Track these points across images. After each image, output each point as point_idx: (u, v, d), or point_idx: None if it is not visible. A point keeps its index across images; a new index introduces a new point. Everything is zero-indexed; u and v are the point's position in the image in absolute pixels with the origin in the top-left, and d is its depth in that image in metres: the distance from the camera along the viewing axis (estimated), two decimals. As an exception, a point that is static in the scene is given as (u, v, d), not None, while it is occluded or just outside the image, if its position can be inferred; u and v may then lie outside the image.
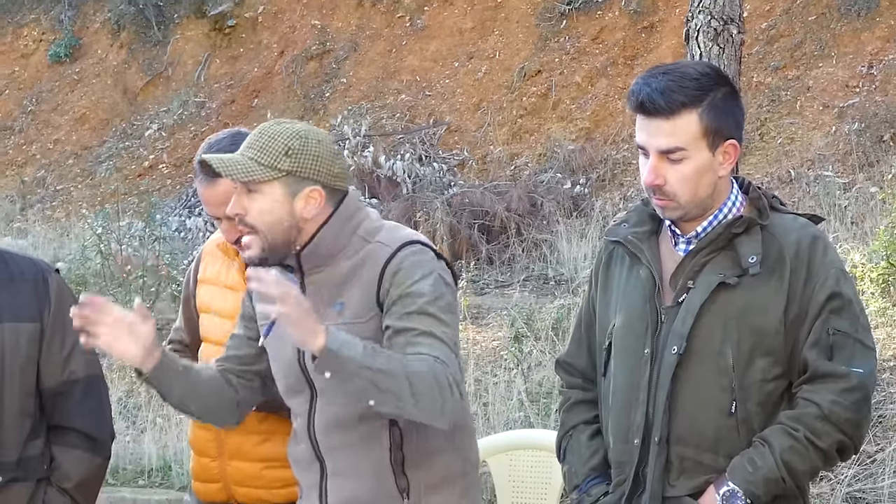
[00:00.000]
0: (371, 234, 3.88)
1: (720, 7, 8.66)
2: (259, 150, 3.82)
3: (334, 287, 3.85)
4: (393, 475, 3.89)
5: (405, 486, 3.89)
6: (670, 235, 3.91)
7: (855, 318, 3.79)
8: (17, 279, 4.45)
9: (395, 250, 3.81)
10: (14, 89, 19.06)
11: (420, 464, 3.90)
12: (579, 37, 15.47)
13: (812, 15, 14.18)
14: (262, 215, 3.82)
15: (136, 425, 9.66)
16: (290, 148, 3.82)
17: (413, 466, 3.89)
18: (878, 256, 9.29)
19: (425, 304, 3.74)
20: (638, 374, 3.83)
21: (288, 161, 3.81)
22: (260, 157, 3.81)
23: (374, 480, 3.90)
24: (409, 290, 3.76)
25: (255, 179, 3.80)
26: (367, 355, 3.55)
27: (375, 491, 3.91)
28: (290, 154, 3.82)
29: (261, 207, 3.82)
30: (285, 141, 3.83)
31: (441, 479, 3.95)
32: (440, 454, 3.94)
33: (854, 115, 12.88)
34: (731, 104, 3.86)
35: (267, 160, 3.81)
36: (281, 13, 17.80)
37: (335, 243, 3.87)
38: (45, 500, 4.48)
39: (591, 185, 13.52)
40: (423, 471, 3.91)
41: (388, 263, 3.80)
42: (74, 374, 4.45)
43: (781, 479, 3.71)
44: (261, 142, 3.84)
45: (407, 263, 3.80)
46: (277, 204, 3.82)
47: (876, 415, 7.84)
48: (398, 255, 3.81)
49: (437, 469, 3.93)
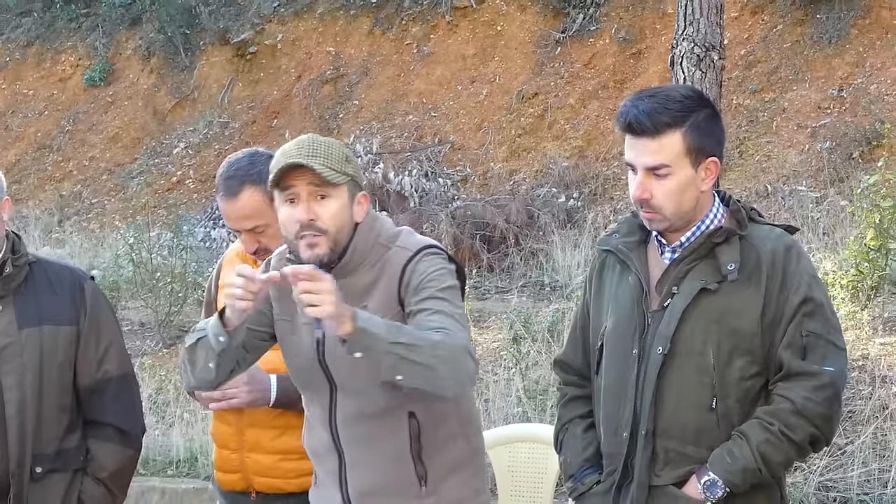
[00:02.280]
0: (391, 239, 3.88)
1: (702, 35, 8.67)
2: (325, 158, 3.77)
3: (357, 295, 3.81)
4: (413, 463, 3.89)
5: (423, 473, 3.90)
6: (657, 245, 3.92)
7: (826, 320, 3.79)
8: (56, 286, 4.46)
9: (414, 253, 3.82)
10: (53, 111, 19.06)
11: (435, 451, 3.91)
12: (573, 62, 15.47)
13: (787, 42, 14.18)
14: (333, 218, 3.78)
15: (164, 420, 9.65)
16: (346, 155, 3.82)
17: (429, 454, 3.90)
18: (847, 264, 9.29)
19: (437, 291, 3.74)
20: (627, 373, 3.84)
21: (350, 167, 3.81)
22: (329, 163, 3.76)
23: (394, 469, 3.90)
24: (423, 281, 3.77)
25: (336, 182, 3.76)
26: (392, 331, 3.51)
27: (395, 479, 3.91)
28: (349, 161, 3.82)
29: (333, 211, 3.78)
30: (340, 149, 3.83)
31: (455, 464, 3.96)
32: (453, 441, 3.96)
33: (826, 134, 12.87)
34: (713, 125, 3.87)
35: (336, 166, 3.77)
36: (298, 41, 17.80)
37: (362, 251, 3.85)
38: (82, 489, 4.49)
39: (583, 199, 13.51)
40: (438, 457, 3.92)
41: (408, 265, 3.81)
42: (108, 372, 4.46)
43: (758, 469, 3.71)
44: (321, 151, 3.79)
45: (424, 263, 3.81)
46: (345, 207, 3.81)
47: (846, 410, 7.83)
48: (416, 258, 3.82)
49: (451, 455, 3.95)
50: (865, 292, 9.11)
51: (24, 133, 18.92)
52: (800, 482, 7.42)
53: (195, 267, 12.72)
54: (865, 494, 7.34)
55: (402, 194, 13.77)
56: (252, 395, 4.55)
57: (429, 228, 12.53)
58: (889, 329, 8.80)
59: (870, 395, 7.99)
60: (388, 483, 3.92)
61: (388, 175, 13.93)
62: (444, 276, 3.80)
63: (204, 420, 9.17)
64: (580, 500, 4.02)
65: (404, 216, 12.94)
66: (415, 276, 3.79)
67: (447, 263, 3.85)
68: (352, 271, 3.85)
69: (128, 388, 4.51)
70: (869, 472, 7.44)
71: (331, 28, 17.69)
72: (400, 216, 12.91)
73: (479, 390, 8.92)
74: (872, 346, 8.57)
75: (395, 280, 3.81)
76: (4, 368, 4.30)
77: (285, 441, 4.58)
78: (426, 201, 13.67)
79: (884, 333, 8.75)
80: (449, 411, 3.94)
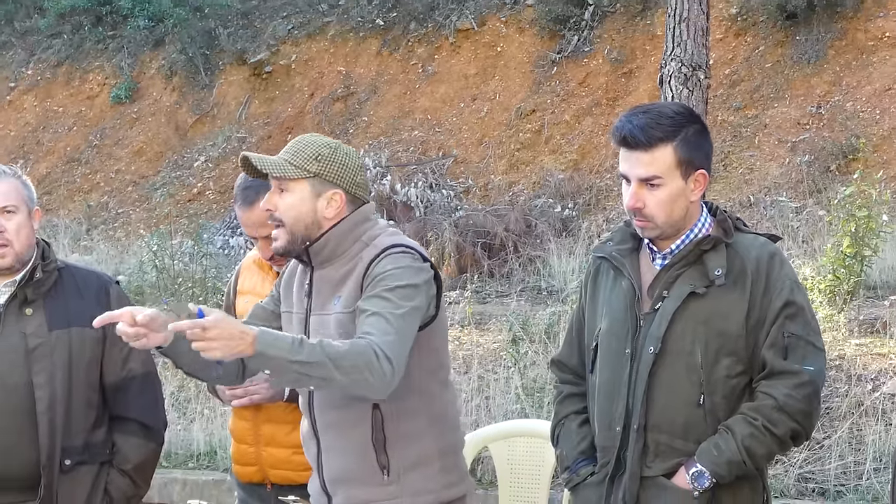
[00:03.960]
0: (371, 238, 3.87)
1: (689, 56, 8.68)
2: (293, 154, 3.85)
3: (334, 285, 3.85)
4: (375, 453, 3.83)
5: (386, 463, 3.84)
6: (649, 252, 3.91)
7: (807, 323, 3.79)
8: (83, 290, 4.47)
9: (380, 252, 3.80)
10: (81, 126, 19.06)
11: (399, 445, 3.85)
12: (568, 81, 15.46)
13: (769, 62, 14.18)
14: (288, 210, 3.84)
15: (186, 416, 9.65)
16: (320, 154, 3.84)
17: (393, 446, 3.84)
18: (825, 270, 9.29)
19: (384, 290, 3.71)
20: (620, 371, 3.84)
21: (316, 165, 3.83)
22: (293, 159, 3.84)
23: (359, 457, 3.85)
24: (376, 279, 3.74)
25: (286, 176, 3.83)
26: (293, 350, 3.50)
27: (359, 466, 3.86)
28: (319, 159, 3.84)
29: (289, 203, 3.84)
30: (317, 148, 3.86)
31: (420, 459, 3.88)
32: (419, 437, 3.88)
33: (805, 148, 12.86)
34: (702, 139, 3.87)
35: (299, 162, 3.83)
36: (311, 61, 17.80)
37: (338, 245, 3.86)
38: (108, 480, 4.49)
39: (578, 209, 13.49)
40: (401, 451, 3.85)
41: (371, 262, 3.79)
42: (132, 371, 4.46)
43: (742, 461, 3.71)
44: (296, 147, 3.88)
45: (384, 261, 3.77)
46: (303, 201, 3.83)
47: (824, 406, 7.82)
48: (380, 255, 3.79)
49: (416, 449, 3.87)
50: (842, 296, 9.11)
51: (54, 147, 18.92)
52: (781, 474, 7.42)
53: (214, 273, 12.71)
54: (842, 485, 7.34)
55: (408, 204, 13.77)
56: (271, 391, 4.56)
57: (433, 237, 12.52)
58: (864, 331, 8.80)
59: (846, 392, 7.98)
60: (353, 469, 3.88)
61: (395, 186, 13.93)
62: (400, 274, 3.74)
63: (223, 416, 9.16)
64: (575, 490, 4.01)
65: (410, 225, 12.94)
66: (373, 274, 3.77)
67: (411, 262, 3.79)
68: (329, 263, 3.86)
69: (151, 386, 4.52)
70: (845, 464, 7.43)
71: (341, 49, 17.69)
72: (406, 225, 12.90)
73: (481, 388, 8.92)
74: (848, 346, 8.56)
75: (361, 276, 3.80)
76: (35, 367, 4.31)
77: (298, 436, 4.58)
78: (431, 211, 13.67)
79: (859, 335, 8.74)
80: (417, 408, 3.87)
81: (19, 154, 18.83)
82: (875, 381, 8.05)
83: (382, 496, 3.86)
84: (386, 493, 3.85)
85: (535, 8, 16.26)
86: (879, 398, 7.84)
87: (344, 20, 18.00)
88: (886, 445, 7.38)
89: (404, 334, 3.69)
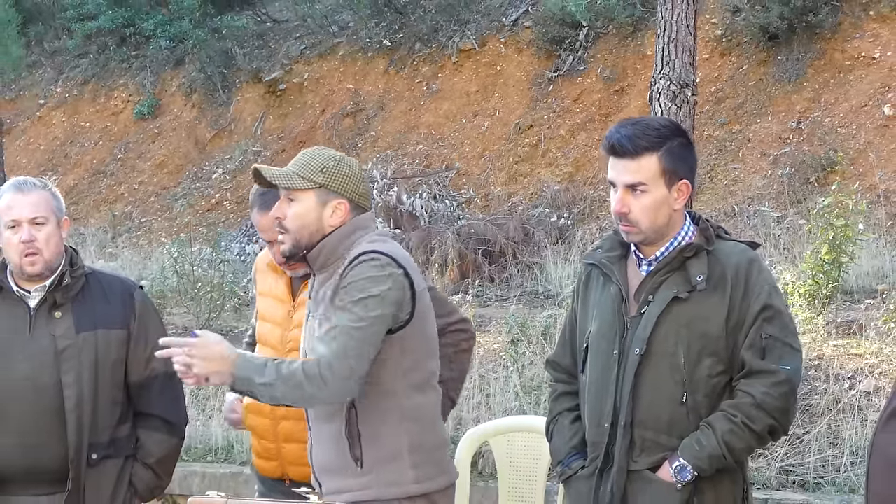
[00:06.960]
0: (357, 245, 3.87)
1: (677, 74, 8.67)
2: (301, 166, 3.88)
3: (328, 290, 3.87)
4: (349, 446, 3.85)
5: (359, 456, 3.85)
6: (635, 259, 3.93)
7: (784, 325, 3.80)
8: (109, 294, 4.49)
9: (351, 260, 3.81)
10: (106, 141, 19.08)
11: (371, 440, 3.86)
12: (563, 98, 15.47)
13: (752, 80, 14.18)
14: (295, 218, 3.87)
15: (205, 412, 9.65)
16: (325, 166, 3.87)
17: (367, 440, 3.85)
18: (805, 276, 9.28)
19: (348, 301, 3.74)
20: (608, 371, 3.85)
21: (322, 176, 3.85)
22: (300, 170, 3.87)
23: (336, 448, 3.89)
24: (345, 289, 3.78)
25: (294, 187, 3.86)
26: (258, 373, 3.66)
27: (336, 457, 3.89)
28: (324, 171, 3.86)
29: (296, 212, 3.87)
30: (323, 160, 3.88)
31: (394, 454, 3.88)
32: (394, 434, 3.87)
33: (786, 161, 12.87)
34: (686, 151, 3.88)
35: (306, 174, 3.86)
36: (322, 79, 17.81)
37: (332, 252, 3.87)
38: (132, 473, 4.51)
39: (573, 218, 13.50)
40: (375, 445, 3.86)
41: (344, 270, 3.81)
42: (155, 370, 4.47)
43: (723, 455, 3.73)
44: (304, 159, 3.91)
45: (354, 270, 3.79)
46: (309, 210, 3.87)
47: (803, 403, 7.83)
48: (352, 264, 3.80)
49: (390, 445, 3.87)
50: (821, 300, 9.11)
51: (81, 160, 18.95)
52: (763, 467, 7.42)
53: (232, 278, 12.74)
54: (821, 478, 7.34)
55: (413, 214, 13.78)
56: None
57: (437, 244, 12.53)
58: (841, 332, 8.80)
59: (825, 390, 7.98)
60: (332, 460, 3.91)
61: (401, 197, 13.94)
62: (364, 285, 3.75)
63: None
64: (567, 482, 4.03)
65: (415, 234, 12.95)
66: (343, 282, 3.79)
67: (377, 272, 3.78)
68: (325, 269, 3.89)
69: (172, 384, 4.52)
70: (824, 458, 7.44)
71: (351, 68, 17.70)
72: (411, 234, 12.92)
73: (481, 386, 8.92)
74: (827, 347, 8.56)
75: (337, 283, 3.83)
76: (64, 367, 4.33)
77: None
78: (435, 220, 13.68)
79: (837, 336, 8.74)
80: (388, 408, 3.87)
81: (48, 167, 18.85)
82: (852, 380, 8.05)
83: (356, 486, 3.88)
84: (359, 484, 3.88)
85: (532, 29, 16.26)
86: (856, 396, 7.85)
87: (353, 41, 18.01)
88: (862, 440, 7.39)
89: (363, 344, 3.73)
